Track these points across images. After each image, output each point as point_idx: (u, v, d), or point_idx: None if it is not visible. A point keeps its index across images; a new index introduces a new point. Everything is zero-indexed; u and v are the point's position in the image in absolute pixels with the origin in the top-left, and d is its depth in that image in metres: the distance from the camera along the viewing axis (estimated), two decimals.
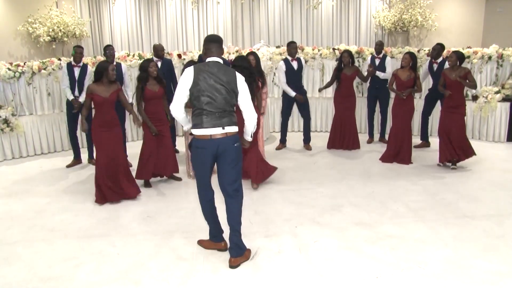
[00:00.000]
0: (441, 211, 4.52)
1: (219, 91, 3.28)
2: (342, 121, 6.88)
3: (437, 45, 6.76)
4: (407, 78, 6.00)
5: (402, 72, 6.07)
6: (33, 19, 9.13)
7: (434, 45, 6.83)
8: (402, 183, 5.39)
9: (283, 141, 7.18)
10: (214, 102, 3.28)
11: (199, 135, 3.34)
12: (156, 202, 4.97)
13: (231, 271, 3.44)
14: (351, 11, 10.85)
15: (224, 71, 3.35)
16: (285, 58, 6.88)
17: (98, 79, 4.74)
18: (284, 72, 6.76)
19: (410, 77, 5.99)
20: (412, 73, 5.99)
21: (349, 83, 6.77)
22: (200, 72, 3.29)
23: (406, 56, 6.03)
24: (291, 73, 6.75)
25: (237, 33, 10.92)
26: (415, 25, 9.99)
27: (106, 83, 4.75)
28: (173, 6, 10.65)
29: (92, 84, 4.79)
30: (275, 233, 4.07)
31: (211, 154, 3.36)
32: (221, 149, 3.35)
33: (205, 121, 3.29)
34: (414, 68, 6.03)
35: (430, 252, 3.65)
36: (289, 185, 5.39)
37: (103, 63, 4.80)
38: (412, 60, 5.99)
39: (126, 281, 3.35)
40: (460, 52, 5.84)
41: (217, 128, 3.30)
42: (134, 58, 7.85)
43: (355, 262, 3.53)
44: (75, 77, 6.20)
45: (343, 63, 6.71)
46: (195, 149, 3.40)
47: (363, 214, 4.47)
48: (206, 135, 3.31)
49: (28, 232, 4.25)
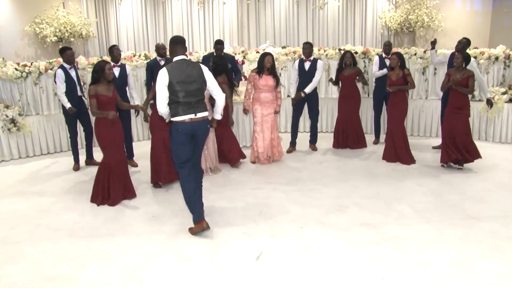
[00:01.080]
0: (447, 212, 4.49)
1: (191, 83, 3.97)
2: (345, 121, 6.92)
3: (464, 39, 6.59)
4: (396, 77, 6.16)
5: (392, 72, 6.25)
6: (40, 20, 9.17)
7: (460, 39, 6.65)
8: (407, 184, 5.37)
9: (293, 143, 7.04)
10: (188, 93, 3.96)
11: (178, 121, 3.97)
12: (161, 202, 4.98)
13: (236, 271, 3.44)
14: (357, 12, 10.81)
15: (192, 66, 4.05)
16: (301, 58, 6.83)
17: (97, 80, 4.74)
18: (296, 72, 6.74)
19: (399, 76, 6.14)
20: (400, 72, 6.13)
21: (348, 83, 6.81)
22: (173, 70, 3.94)
23: (394, 56, 6.21)
24: (301, 73, 6.70)
25: (243, 33, 10.91)
26: (421, 25, 9.93)
27: (105, 83, 4.76)
28: (179, 7, 10.66)
29: (93, 85, 4.74)
30: (280, 234, 4.07)
31: (188, 134, 4.00)
32: (196, 130, 4.02)
33: (182, 110, 3.96)
34: (402, 67, 6.18)
35: (435, 253, 3.64)
36: (294, 186, 5.39)
37: (99, 63, 4.79)
38: (400, 59, 6.16)
39: (130, 281, 3.35)
40: (467, 53, 5.82)
41: (191, 114, 3.98)
42: (140, 59, 7.87)
43: (360, 263, 3.52)
44: (73, 78, 6.09)
45: (344, 63, 6.75)
46: (175, 132, 4.00)
47: (368, 215, 4.46)
48: (184, 120, 3.96)
49: (34, 231, 4.27)
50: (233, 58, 7.10)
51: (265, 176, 5.79)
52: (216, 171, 5.93)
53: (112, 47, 6.27)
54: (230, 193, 5.18)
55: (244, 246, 3.85)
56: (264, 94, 6.14)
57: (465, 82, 5.62)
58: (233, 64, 6.85)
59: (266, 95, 6.14)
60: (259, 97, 6.18)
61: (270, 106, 6.21)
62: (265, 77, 6.07)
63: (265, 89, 6.11)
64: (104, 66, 4.72)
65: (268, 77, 6.09)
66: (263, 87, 6.10)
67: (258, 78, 6.08)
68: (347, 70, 6.75)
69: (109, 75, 4.74)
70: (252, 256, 3.67)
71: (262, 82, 6.07)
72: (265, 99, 6.16)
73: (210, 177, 5.77)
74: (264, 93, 6.14)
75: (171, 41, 4.18)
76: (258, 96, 6.18)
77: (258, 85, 6.10)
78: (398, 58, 6.14)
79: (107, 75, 4.73)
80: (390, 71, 6.31)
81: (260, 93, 6.15)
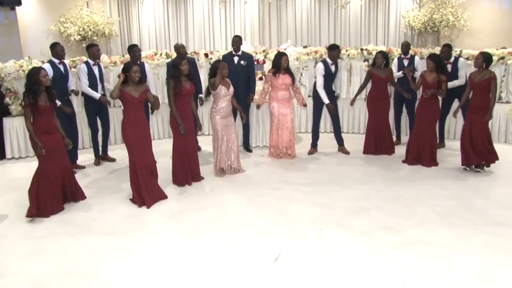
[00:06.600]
0: (470, 217, 4.37)
1: None
2: (377, 125, 6.64)
3: (445, 46, 6.75)
4: (432, 80, 5.88)
5: (428, 74, 5.95)
6: (64, 19, 9.33)
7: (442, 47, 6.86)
8: (429, 187, 5.25)
9: (314, 145, 6.90)
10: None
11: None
12: (181, 200, 4.99)
13: (254, 271, 3.42)
14: (380, 11, 10.67)
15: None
16: (324, 60, 6.58)
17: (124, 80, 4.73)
18: (323, 76, 6.51)
19: (435, 80, 5.87)
20: (438, 76, 5.85)
21: (382, 85, 6.56)
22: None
23: (428, 61, 5.92)
24: (328, 78, 6.53)
25: (264, 32, 10.88)
26: (446, 25, 9.72)
27: (133, 84, 4.75)
28: (201, 6, 10.70)
29: (122, 85, 4.72)
30: (299, 235, 4.03)
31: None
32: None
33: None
34: (441, 71, 5.89)
35: (459, 260, 3.54)
36: (314, 186, 5.33)
37: (127, 64, 4.81)
38: (434, 63, 5.86)
39: (149, 279, 3.37)
40: (488, 54, 5.63)
41: None
42: (161, 57, 7.92)
43: (380, 267, 3.45)
44: (95, 75, 6.20)
45: (376, 64, 6.53)
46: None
47: (388, 218, 4.38)
48: None
49: (55, 227, 4.34)
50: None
51: (285, 177, 5.75)
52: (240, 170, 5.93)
53: (133, 46, 6.33)
54: (250, 193, 5.16)
55: (263, 246, 3.83)
56: (281, 92, 6.34)
57: (487, 84, 5.48)
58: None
59: (283, 93, 6.35)
60: (276, 96, 6.35)
61: (287, 104, 6.39)
62: (282, 76, 6.27)
63: (282, 87, 6.31)
64: (130, 68, 4.69)
65: (285, 76, 6.29)
66: (280, 85, 6.29)
67: (275, 77, 6.25)
68: (381, 71, 6.48)
69: (134, 77, 4.68)
70: (270, 257, 3.63)
71: (280, 81, 6.26)
72: (283, 97, 6.35)
73: (231, 176, 5.76)
74: (282, 91, 6.34)
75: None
76: (276, 95, 6.35)
77: (275, 84, 6.29)
78: (433, 62, 5.84)
79: (132, 78, 4.68)
80: (426, 71, 5.99)
81: (277, 92, 6.33)
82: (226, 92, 5.62)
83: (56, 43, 6.13)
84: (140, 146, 4.82)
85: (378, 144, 6.70)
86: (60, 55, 6.00)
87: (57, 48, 5.99)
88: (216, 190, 5.29)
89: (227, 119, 5.73)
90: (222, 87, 5.58)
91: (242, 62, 6.59)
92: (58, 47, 6.00)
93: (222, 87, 5.58)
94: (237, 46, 6.65)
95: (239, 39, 6.74)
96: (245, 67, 6.60)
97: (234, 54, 6.66)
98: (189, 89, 5.29)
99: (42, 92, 4.51)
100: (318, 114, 6.82)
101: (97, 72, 6.22)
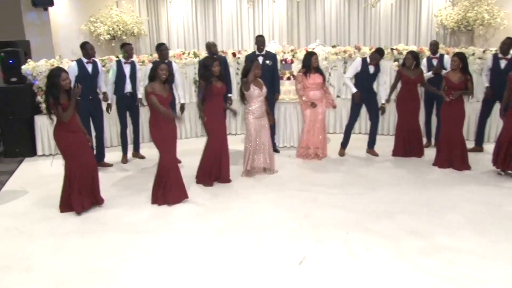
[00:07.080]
0: (505, 225, 4.18)
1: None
2: (407, 127, 6.46)
3: (508, 39, 6.31)
4: (458, 80, 5.71)
5: (453, 74, 5.77)
6: (94, 19, 9.51)
7: (504, 39, 6.39)
8: (461, 192, 5.07)
9: (345, 146, 6.72)
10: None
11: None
12: (206, 200, 4.99)
13: (278, 274, 3.37)
14: (411, 10, 10.43)
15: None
16: (364, 58, 6.49)
17: (153, 78, 4.74)
18: (356, 71, 6.40)
19: (461, 80, 5.69)
20: (463, 75, 5.68)
21: (412, 86, 6.37)
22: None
23: (455, 58, 5.74)
24: (364, 76, 6.38)
25: (292, 32, 10.81)
26: (481, 23, 9.40)
27: (160, 83, 4.74)
28: (229, 5, 10.70)
29: (150, 83, 4.74)
30: (325, 238, 3.95)
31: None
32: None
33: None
34: (465, 70, 5.72)
35: (491, 269, 3.39)
36: (340, 189, 5.24)
37: (155, 63, 4.84)
38: (461, 61, 5.68)
39: (172, 278, 3.36)
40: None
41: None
42: (189, 57, 7.95)
43: (409, 275, 3.34)
44: (124, 73, 6.29)
45: (405, 65, 6.35)
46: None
47: (417, 223, 4.24)
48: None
49: (80, 224, 4.40)
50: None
51: (312, 178, 5.69)
52: (273, 171, 5.87)
53: (160, 45, 6.40)
54: (275, 194, 5.11)
55: (287, 249, 3.77)
56: (313, 92, 6.29)
57: None
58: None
59: (315, 92, 6.29)
60: (308, 95, 6.29)
61: (319, 103, 6.31)
62: (313, 76, 6.24)
63: (313, 87, 6.26)
64: (157, 66, 4.70)
65: (316, 75, 6.26)
66: (311, 85, 6.24)
67: (306, 77, 6.21)
68: (411, 72, 6.28)
69: (161, 75, 4.68)
70: (295, 260, 3.57)
71: (310, 81, 6.22)
72: (314, 96, 6.29)
73: (257, 177, 5.72)
74: (313, 91, 6.29)
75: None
76: (307, 94, 6.30)
77: (306, 84, 6.24)
78: (460, 60, 5.67)
79: (159, 75, 4.68)
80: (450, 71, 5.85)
81: (309, 92, 6.29)
82: (260, 93, 5.56)
83: (86, 42, 6.24)
84: (170, 145, 4.84)
85: (407, 146, 6.51)
86: (89, 54, 6.09)
87: (87, 47, 6.09)
88: (242, 190, 5.26)
89: (261, 119, 5.66)
90: (255, 88, 5.51)
91: (267, 62, 6.52)
92: (87, 46, 6.11)
93: (255, 88, 5.51)
94: (261, 46, 6.60)
95: (263, 39, 6.70)
96: (269, 67, 6.54)
97: (258, 54, 6.61)
98: (220, 88, 5.28)
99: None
100: (356, 114, 6.65)
101: (127, 71, 6.31)
